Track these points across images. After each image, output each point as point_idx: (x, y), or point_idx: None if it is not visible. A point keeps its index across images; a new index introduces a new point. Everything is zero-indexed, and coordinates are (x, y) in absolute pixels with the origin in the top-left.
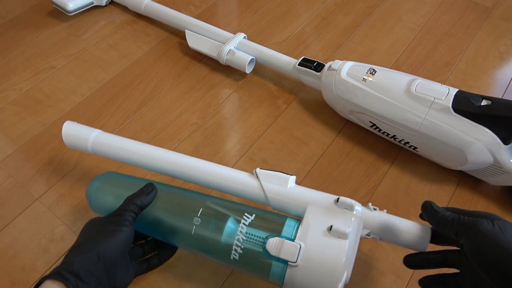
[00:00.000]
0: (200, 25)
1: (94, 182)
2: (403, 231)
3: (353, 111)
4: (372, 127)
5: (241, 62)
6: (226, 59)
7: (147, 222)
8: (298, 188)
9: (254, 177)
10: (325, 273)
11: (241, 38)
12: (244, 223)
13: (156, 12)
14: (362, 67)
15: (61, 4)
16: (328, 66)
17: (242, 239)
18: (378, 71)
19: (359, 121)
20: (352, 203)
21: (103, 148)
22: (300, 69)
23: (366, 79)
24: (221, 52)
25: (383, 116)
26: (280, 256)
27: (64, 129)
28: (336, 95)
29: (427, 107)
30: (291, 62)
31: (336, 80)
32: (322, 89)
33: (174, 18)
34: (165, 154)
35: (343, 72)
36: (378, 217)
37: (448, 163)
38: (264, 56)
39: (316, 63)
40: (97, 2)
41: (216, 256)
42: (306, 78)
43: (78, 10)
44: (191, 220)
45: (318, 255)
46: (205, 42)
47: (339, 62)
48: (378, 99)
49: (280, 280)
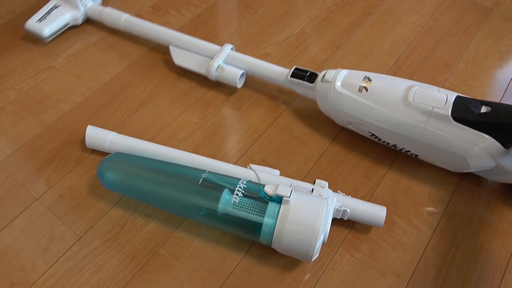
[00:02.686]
0: (184, 39)
1: (105, 161)
2: (364, 208)
3: (351, 122)
4: (372, 137)
5: (231, 77)
6: (216, 76)
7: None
8: (283, 178)
9: (250, 170)
10: (310, 213)
11: (229, 51)
12: (243, 181)
13: (137, 27)
14: (356, 75)
15: (36, 31)
16: (321, 77)
17: (243, 186)
18: (373, 79)
19: (358, 130)
20: (326, 183)
21: (119, 146)
22: (293, 80)
23: (362, 90)
24: (210, 68)
25: (382, 127)
26: (276, 192)
27: (87, 132)
28: (332, 107)
29: (426, 117)
30: (283, 73)
31: (331, 92)
32: (317, 100)
33: (156, 33)
34: (167, 150)
35: (338, 83)
36: (345, 198)
37: (450, 168)
38: (254, 68)
39: (309, 73)
40: (72, 23)
41: (218, 200)
42: (300, 89)
43: (54, 34)
44: (199, 174)
45: (306, 199)
46: (191, 58)
47: (332, 72)
48: (376, 110)
49: (274, 220)
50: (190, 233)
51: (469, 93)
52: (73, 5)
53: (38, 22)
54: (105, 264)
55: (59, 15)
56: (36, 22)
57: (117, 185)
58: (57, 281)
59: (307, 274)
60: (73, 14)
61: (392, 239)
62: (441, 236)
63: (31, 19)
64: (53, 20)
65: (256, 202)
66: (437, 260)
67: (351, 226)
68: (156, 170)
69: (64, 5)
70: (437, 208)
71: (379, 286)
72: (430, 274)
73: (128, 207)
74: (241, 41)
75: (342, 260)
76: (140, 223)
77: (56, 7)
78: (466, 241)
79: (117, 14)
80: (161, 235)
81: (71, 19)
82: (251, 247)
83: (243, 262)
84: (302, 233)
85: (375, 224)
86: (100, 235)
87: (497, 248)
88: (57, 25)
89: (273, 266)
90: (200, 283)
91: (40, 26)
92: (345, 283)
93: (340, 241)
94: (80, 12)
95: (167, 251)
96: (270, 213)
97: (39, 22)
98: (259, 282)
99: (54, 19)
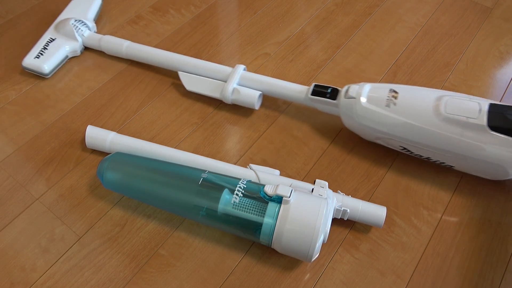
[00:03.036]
0: (192, 63)
1: (105, 161)
2: (364, 208)
3: (380, 137)
4: (403, 150)
5: (249, 100)
6: (232, 99)
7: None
8: (283, 178)
9: (250, 170)
10: (310, 213)
11: (242, 71)
12: (243, 181)
13: (141, 54)
14: (381, 89)
15: (36, 69)
16: (344, 93)
17: (243, 186)
18: (400, 92)
19: (388, 145)
20: (326, 183)
21: (119, 146)
22: (314, 98)
23: (390, 104)
24: (225, 92)
25: (414, 141)
26: (276, 192)
27: (87, 132)
28: (359, 123)
29: (462, 128)
30: (302, 90)
31: (357, 108)
32: (341, 117)
33: (163, 59)
34: (167, 151)
35: (363, 98)
36: (345, 198)
37: (488, 176)
38: (271, 88)
39: (330, 90)
40: (71, 54)
41: (218, 200)
42: (322, 107)
43: (55, 69)
44: (199, 174)
45: (306, 199)
46: (203, 82)
47: (356, 87)
48: (407, 124)
49: (274, 220)
50: (190, 233)
51: (469, 93)
52: (71, 36)
53: (36, 58)
54: (105, 264)
55: (57, 48)
56: (34, 58)
57: (117, 185)
58: (57, 281)
59: (307, 274)
60: (72, 46)
61: (392, 239)
62: (441, 236)
63: (28, 56)
64: (51, 55)
65: (256, 202)
66: (437, 260)
67: (351, 226)
68: (156, 170)
69: (60, 38)
70: (437, 208)
71: (379, 286)
72: (430, 274)
73: (128, 207)
74: (241, 41)
75: (342, 260)
76: (140, 223)
77: (52, 40)
78: (466, 241)
79: (117, 42)
80: (161, 235)
81: (70, 51)
82: (251, 247)
83: (243, 262)
84: (302, 233)
85: (375, 224)
86: (100, 235)
87: (497, 248)
88: (56, 60)
89: (273, 266)
90: (200, 283)
91: (39, 63)
92: (345, 283)
93: (340, 241)
94: (79, 42)
95: (167, 251)
96: (270, 213)
97: (38, 58)
98: (259, 282)
99: (53, 53)
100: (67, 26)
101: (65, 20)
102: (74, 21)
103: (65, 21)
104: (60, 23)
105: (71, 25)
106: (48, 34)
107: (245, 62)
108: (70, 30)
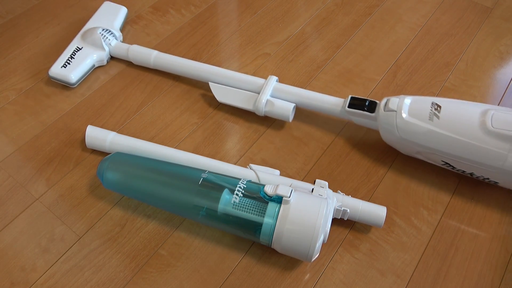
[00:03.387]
0: (224, 74)
1: (105, 161)
2: (364, 208)
3: (421, 152)
4: (445, 165)
5: (283, 112)
6: (265, 111)
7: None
8: (283, 178)
9: (250, 170)
10: (310, 213)
11: (275, 83)
12: (243, 181)
13: (170, 64)
14: (423, 102)
15: (63, 78)
16: (383, 105)
17: (243, 186)
18: (443, 105)
19: (428, 159)
20: (326, 183)
21: (119, 146)
22: (351, 111)
23: (433, 118)
24: (258, 104)
25: (458, 156)
26: (276, 192)
27: (87, 132)
28: (400, 137)
29: (509, 143)
30: (338, 103)
31: (398, 122)
32: (380, 130)
33: (193, 70)
34: (167, 150)
35: (404, 111)
36: (345, 198)
37: None
38: (305, 100)
39: (368, 102)
40: (98, 64)
41: (218, 200)
42: (358, 119)
43: (81, 79)
44: (199, 174)
45: (306, 199)
46: (235, 94)
47: (396, 99)
48: (452, 139)
49: (274, 220)
50: (190, 233)
51: (469, 93)
52: (98, 45)
53: (63, 67)
54: (105, 264)
55: (84, 57)
56: (61, 67)
57: (117, 185)
58: (57, 281)
59: (307, 274)
60: (99, 55)
61: (392, 239)
62: (441, 236)
63: (55, 65)
64: (78, 64)
65: (256, 202)
66: (437, 260)
67: (351, 226)
68: (156, 170)
69: (87, 47)
70: (437, 208)
71: (379, 286)
72: (430, 274)
73: (128, 207)
74: (241, 41)
75: (342, 260)
76: (140, 223)
77: (79, 49)
78: (466, 241)
79: (145, 52)
80: (161, 235)
81: (97, 60)
82: (251, 247)
83: (243, 262)
84: (302, 233)
85: (375, 224)
86: (100, 235)
87: (497, 248)
88: (83, 69)
89: (273, 266)
90: (200, 283)
91: (66, 72)
92: (345, 283)
93: (340, 241)
94: (106, 52)
95: (167, 251)
96: (270, 213)
97: (64, 68)
98: (259, 282)
99: (80, 62)
100: (95, 35)
101: (92, 29)
102: (101, 30)
103: (93, 30)
104: (87, 32)
105: (99, 34)
106: (75, 43)
107: (245, 62)
108: (98, 39)
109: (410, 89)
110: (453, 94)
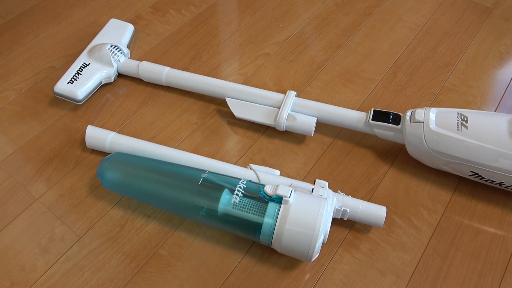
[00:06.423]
0: (241, 89)
1: (105, 161)
2: (364, 208)
3: (450, 163)
4: (472, 176)
5: (305, 127)
6: (286, 126)
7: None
8: (283, 178)
9: (250, 170)
10: (310, 213)
11: (294, 97)
12: (243, 181)
13: (184, 81)
14: (449, 113)
15: (69, 95)
16: (410, 117)
17: (243, 186)
18: (469, 116)
19: (456, 171)
20: (326, 183)
21: (119, 146)
22: (375, 124)
23: (461, 127)
24: (279, 119)
25: (489, 165)
26: (276, 193)
27: (87, 132)
28: (428, 149)
29: None
30: (361, 117)
31: (426, 132)
32: (406, 143)
33: (209, 86)
34: (167, 150)
35: (432, 122)
36: (345, 198)
37: None
38: (326, 115)
39: (392, 115)
40: (105, 81)
41: (218, 200)
42: (383, 133)
43: (88, 96)
44: (199, 174)
45: (306, 199)
46: (252, 109)
47: (422, 111)
48: (482, 148)
49: (274, 220)
50: (190, 233)
51: (469, 93)
52: (106, 62)
53: (69, 84)
54: (105, 264)
55: (92, 74)
56: (67, 84)
57: (117, 185)
58: (57, 281)
59: (307, 274)
60: (107, 72)
61: (392, 239)
62: (441, 236)
63: (61, 81)
64: (85, 81)
65: (256, 202)
66: (437, 260)
67: (351, 226)
68: (156, 170)
69: (95, 63)
70: (437, 208)
71: (379, 286)
72: (430, 274)
73: (128, 207)
74: (241, 41)
75: (342, 260)
76: (140, 223)
77: (86, 65)
78: (466, 241)
79: (156, 69)
80: (161, 235)
81: (105, 77)
82: (251, 247)
83: (243, 262)
84: (302, 233)
85: (375, 224)
86: (100, 235)
87: (497, 248)
88: (91, 86)
89: (273, 266)
90: (200, 283)
91: (73, 89)
92: (345, 283)
93: (340, 241)
94: (114, 68)
95: (167, 251)
96: (270, 213)
97: (71, 84)
98: (259, 282)
99: (87, 79)
100: (103, 51)
101: (100, 45)
102: (110, 46)
103: (101, 46)
104: (95, 48)
105: (107, 50)
106: (81, 59)
107: (245, 62)
108: (106, 55)
109: (410, 89)
110: (453, 94)
